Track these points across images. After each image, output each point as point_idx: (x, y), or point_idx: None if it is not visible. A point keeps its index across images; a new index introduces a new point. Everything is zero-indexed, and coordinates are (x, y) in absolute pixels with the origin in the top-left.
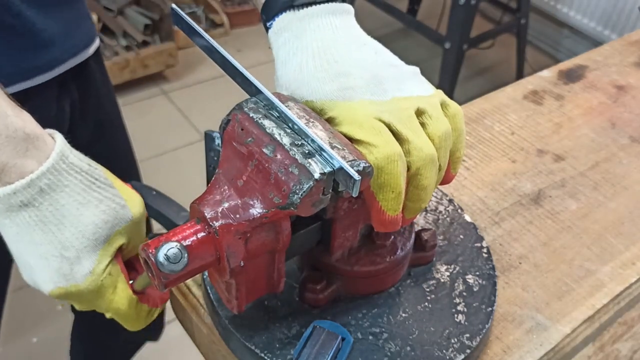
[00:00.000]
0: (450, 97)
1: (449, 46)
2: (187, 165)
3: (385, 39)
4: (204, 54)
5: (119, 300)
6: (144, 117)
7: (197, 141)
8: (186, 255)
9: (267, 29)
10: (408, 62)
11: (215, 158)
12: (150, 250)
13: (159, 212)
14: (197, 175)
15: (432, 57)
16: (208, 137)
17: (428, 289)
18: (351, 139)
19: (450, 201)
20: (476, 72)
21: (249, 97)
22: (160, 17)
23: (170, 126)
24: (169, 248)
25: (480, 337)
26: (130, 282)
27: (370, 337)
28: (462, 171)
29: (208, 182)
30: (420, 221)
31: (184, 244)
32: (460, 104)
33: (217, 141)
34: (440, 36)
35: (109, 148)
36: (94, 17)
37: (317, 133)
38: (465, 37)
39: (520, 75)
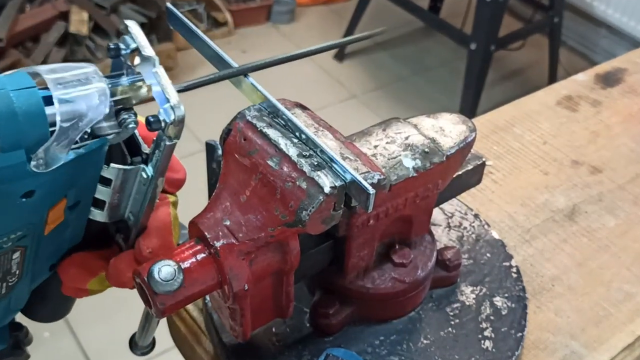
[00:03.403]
0: (476, 103)
1: (474, 47)
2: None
3: (404, 40)
4: None
5: None
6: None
7: (197, 152)
8: (181, 275)
9: None
10: (429, 65)
11: (218, 170)
12: (144, 272)
13: None
14: (197, 190)
15: (456, 59)
16: (210, 148)
17: (452, 313)
18: None
19: (476, 216)
20: (505, 75)
21: (252, 104)
22: (158, 15)
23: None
24: (163, 266)
25: None
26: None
27: None
28: (490, 184)
29: (209, 197)
30: (442, 238)
31: (182, 266)
32: (486, 110)
33: (220, 152)
34: (465, 36)
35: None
36: (85, 15)
37: (327, 143)
38: (492, 37)
39: (553, 79)
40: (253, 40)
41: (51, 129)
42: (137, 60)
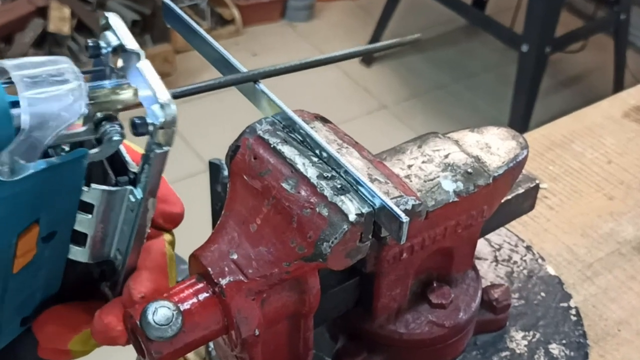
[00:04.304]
0: (529, 114)
1: (526, 49)
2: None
3: (443, 40)
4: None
5: None
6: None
7: (199, 172)
8: (180, 318)
9: None
10: (473, 70)
11: (223, 195)
12: (136, 314)
13: None
14: (199, 218)
15: (505, 63)
16: (214, 168)
17: None
18: None
19: (528, 249)
20: (562, 82)
21: (263, 116)
22: (153, 12)
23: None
24: (160, 307)
25: None
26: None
27: None
28: (544, 210)
29: (214, 225)
30: (489, 275)
31: (182, 307)
32: (541, 123)
33: (226, 172)
34: (515, 36)
35: None
36: (66, 11)
37: (353, 162)
38: (548, 37)
39: (619, 86)
40: (265, 40)
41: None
42: (120, 62)
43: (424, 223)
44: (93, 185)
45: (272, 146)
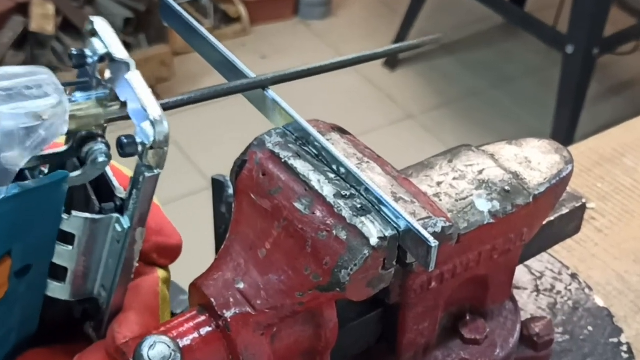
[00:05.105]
0: (574, 124)
1: (572, 50)
2: (187, 226)
3: (477, 41)
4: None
5: None
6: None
7: (201, 190)
8: (179, 355)
9: None
10: (511, 74)
11: (228, 216)
12: (129, 351)
13: None
14: (201, 241)
15: (548, 67)
16: (217, 185)
17: None
18: None
19: (574, 277)
20: (612, 88)
21: (273, 126)
22: (148, 9)
23: (164, 168)
24: (156, 343)
25: None
26: None
27: None
28: (592, 234)
29: (217, 250)
30: (529, 306)
31: (181, 343)
32: (588, 135)
33: (231, 191)
34: (559, 36)
35: None
36: (50, 8)
37: (374, 179)
38: (596, 37)
39: None
40: (275, 41)
41: None
42: (107, 73)
43: (456, 248)
44: (74, 213)
45: (283, 161)
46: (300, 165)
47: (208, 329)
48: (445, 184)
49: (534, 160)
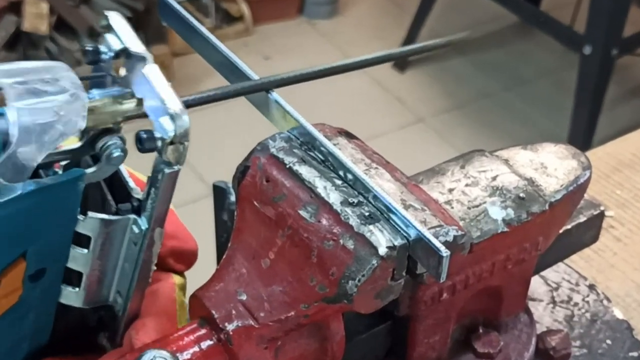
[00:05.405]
0: (592, 128)
1: (589, 51)
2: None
3: (492, 40)
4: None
5: None
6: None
7: (202, 197)
8: None
9: None
10: (526, 76)
11: (230, 224)
12: None
13: None
14: (201, 250)
15: (564, 68)
16: (219, 192)
17: None
18: None
19: (592, 288)
20: (632, 90)
21: (277, 130)
22: (147, 7)
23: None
24: (155, 357)
25: None
26: None
27: None
28: (611, 243)
29: (219, 260)
30: (545, 319)
31: (181, 357)
32: (607, 139)
33: (233, 198)
34: (576, 36)
35: None
36: (44, 6)
37: (383, 185)
38: (615, 37)
39: None
40: (279, 41)
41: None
42: (122, 71)
43: (468, 258)
44: (90, 214)
45: (287, 166)
46: (305, 171)
47: (209, 342)
48: (457, 190)
49: (550, 166)
